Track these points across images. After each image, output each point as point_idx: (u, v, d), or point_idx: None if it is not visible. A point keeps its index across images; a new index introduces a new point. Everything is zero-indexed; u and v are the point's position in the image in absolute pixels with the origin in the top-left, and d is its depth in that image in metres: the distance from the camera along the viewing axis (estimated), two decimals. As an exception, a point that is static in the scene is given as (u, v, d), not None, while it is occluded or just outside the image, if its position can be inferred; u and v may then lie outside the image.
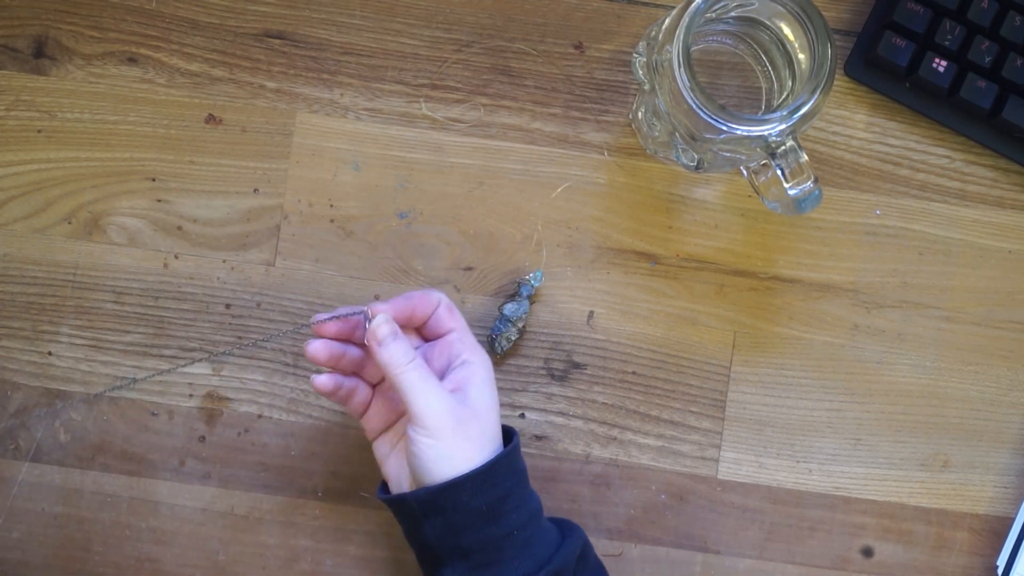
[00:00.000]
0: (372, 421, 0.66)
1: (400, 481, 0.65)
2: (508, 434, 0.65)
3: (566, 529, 0.64)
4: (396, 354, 0.62)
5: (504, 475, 0.62)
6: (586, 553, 0.64)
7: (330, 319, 0.64)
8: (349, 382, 0.66)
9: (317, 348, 0.64)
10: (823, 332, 0.73)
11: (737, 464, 0.72)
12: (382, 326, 0.62)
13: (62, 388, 0.72)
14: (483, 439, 0.62)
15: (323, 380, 0.65)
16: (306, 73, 0.74)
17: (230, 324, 0.72)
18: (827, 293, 0.73)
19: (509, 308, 0.71)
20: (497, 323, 0.71)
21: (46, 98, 0.73)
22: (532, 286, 0.72)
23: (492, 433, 0.63)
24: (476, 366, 0.64)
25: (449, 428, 0.61)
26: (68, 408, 0.72)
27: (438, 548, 0.61)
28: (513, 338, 0.71)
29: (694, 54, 0.68)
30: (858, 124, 0.74)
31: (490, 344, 0.72)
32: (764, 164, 0.64)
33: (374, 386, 0.67)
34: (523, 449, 0.72)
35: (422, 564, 0.64)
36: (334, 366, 0.65)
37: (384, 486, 0.66)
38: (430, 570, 0.63)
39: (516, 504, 0.62)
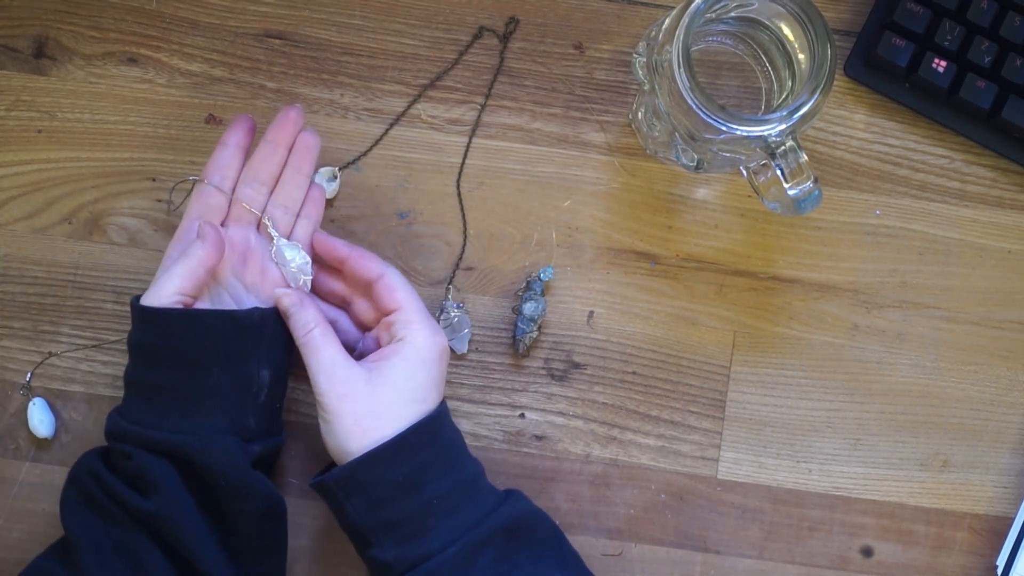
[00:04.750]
0: None
1: None
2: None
3: (507, 499, 0.64)
4: (296, 324, 0.64)
5: (419, 446, 0.62)
6: (529, 523, 0.63)
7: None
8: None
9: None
10: (823, 332, 0.73)
11: (737, 464, 0.72)
12: (282, 299, 0.65)
13: (62, 388, 0.72)
14: (391, 416, 0.62)
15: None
16: (306, 73, 0.74)
17: (230, 324, 0.72)
18: (827, 293, 0.73)
19: (529, 308, 0.71)
20: (519, 324, 0.71)
21: (46, 98, 0.74)
22: (541, 281, 0.72)
23: (409, 412, 0.63)
24: (405, 345, 0.63)
25: (337, 398, 0.62)
26: (68, 408, 0.72)
27: (363, 527, 0.62)
28: (535, 336, 0.72)
29: (694, 54, 0.68)
30: (858, 124, 0.74)
31: (514, 346, 0.72)
32: (764, 164, 0.64)
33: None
34: (523, 449, 0.72)
35: (355, 548, 0.64)
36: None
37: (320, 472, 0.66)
38: (362, 552, 0.63)
39: (437, 474, 0.62)
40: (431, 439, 0.62)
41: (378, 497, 0.61)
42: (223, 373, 0.63)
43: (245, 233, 0.67)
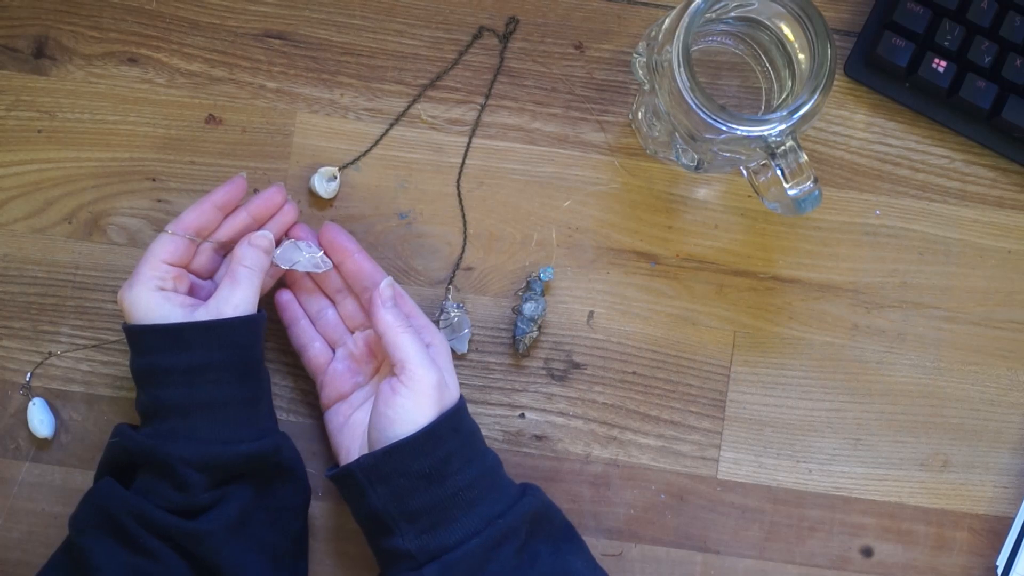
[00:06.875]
0: (330, 386, 0.69)
1: (351, 453, 0.66)
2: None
3: (527, 491, 0.65)
4: (399, 316, 0.65)
5: (446, 437, 0.63)
6: (548, 515, 0.65)
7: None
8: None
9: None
10: (823, 332, 0.73)
11: (737, 464, 0.73)
12: (389, 288, 0.66)
13: (62, 388, 0.72)
14: (443, 409, 0.64)
15: (286, 297, 0.70)
16: (306, 73, 0.74)
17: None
18: (827, 293, 0.73)
19: (529, 308, 0.71)
20: (519, 324, 0.71)
21: (46, 98, 0.74)
22: (541, 281, 0.72)
23: (457, 390, 0.66)
24: (438, 348, 0.67)
25: (431, 386, 0.63)
26: (68, 408, 0.72)
27: (384, 516, 0.62)
28: (535, 336, 0.72)
29: (694, 54, 0.68)
30: (858, 124, 0.74)
31: (515, 346, 0.72)
32: (764, 164, 0.64)
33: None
34: (523, 449, 0.72)
35: (370, 538, 0.65)
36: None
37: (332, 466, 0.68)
38: (379, 542, 0.64)
39: (461, 465, 0.63)
40: (455, 430, 0.63)
41: (402, 487, 0.62)
42: (265, 375, 0.67)
43: (202, 282, 0.69)
